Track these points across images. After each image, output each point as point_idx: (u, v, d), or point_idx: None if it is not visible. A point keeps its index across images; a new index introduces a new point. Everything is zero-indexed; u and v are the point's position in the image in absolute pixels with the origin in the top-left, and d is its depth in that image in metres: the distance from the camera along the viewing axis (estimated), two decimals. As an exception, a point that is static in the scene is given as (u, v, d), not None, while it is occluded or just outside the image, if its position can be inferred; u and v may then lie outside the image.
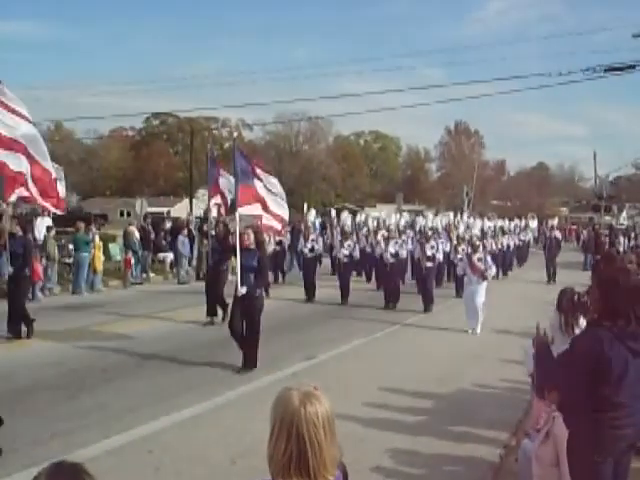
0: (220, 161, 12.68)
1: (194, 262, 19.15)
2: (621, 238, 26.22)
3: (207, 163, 11.33)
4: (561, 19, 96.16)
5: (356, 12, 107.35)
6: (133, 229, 18.48)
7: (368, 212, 31.74)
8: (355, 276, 17.62)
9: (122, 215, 51.76)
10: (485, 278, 11.70)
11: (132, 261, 17.70)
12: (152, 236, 19.10)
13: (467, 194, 45.47)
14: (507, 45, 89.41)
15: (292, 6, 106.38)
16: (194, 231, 19.26)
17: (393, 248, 14.44)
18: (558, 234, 23.00)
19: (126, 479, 5.05)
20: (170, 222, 21.85)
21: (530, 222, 28.63)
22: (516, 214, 35.12)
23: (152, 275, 18.88)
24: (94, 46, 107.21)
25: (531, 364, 4.37)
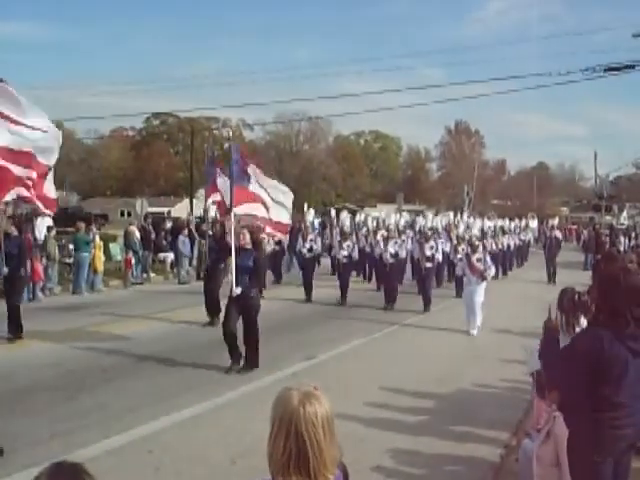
0: (220, 161, 12.59)
1: (195, 262, 19.16)
2: (621, 238, 26.20)
3: (205, 162, 11.37)
4: (561, 19, 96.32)
5: (356, 12, 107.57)
6: (133, 229, 18.48)
7: (368, 212, 31.73)
8: (355, 276, 17.61)
9: (122, 215, 51.79)
10: (484, 279, 11.64)
11: (132, 261, 17.70)
12: (153, 236, 19.10)
13: (467, 194, 45.52)
14: (507, 45, 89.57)
15: (292, 6, 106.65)
16: (194, 231, 19.27)
17: (392, 248, 14.41)
18: (558, 234, 22.99)
19: (126, 479, 5.05)
20: (170, 222, 21.84)
21: (530, 222, 28.62)
22: (516, 214, 35.12)
23: (153, 275, 18.88)
24: (94, 46, 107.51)
25: (533, 363, 4.37)
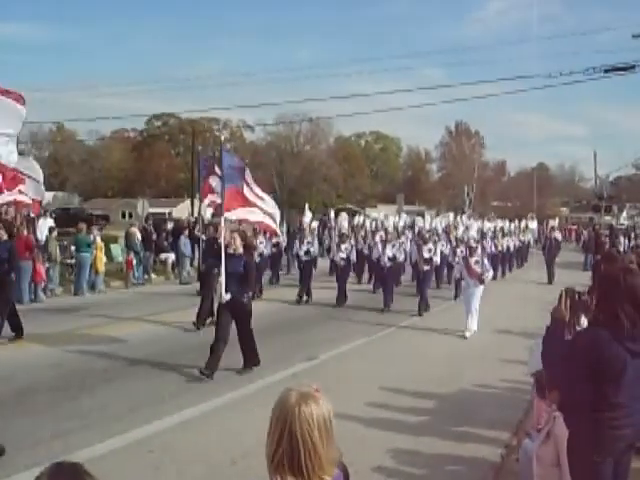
0: (215, 161, 12.31)
1: (196, 263, 19.15)
2: (621, 238, 26.20)
3: (199, 164, 10.79)
4: (561, 19, 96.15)
5: (356, 12, 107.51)
6: (135, 230, 18.50)
7: (369, 213, 31.72)
8: (352, 277, 17.45)
9: (124, 216, 51.82)
10: (482, 282, 11.50)
11: (134, 262, 17.72)
12: (154, 237, 19.12)
13: (468, 195, 45.52)
14: (507, 45, 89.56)
15: (292, 6, 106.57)
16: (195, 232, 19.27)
17: (390, 252, 14.33)
18: (558, 235, 22.98)
19: (127, 479, 5.06)
20: (172, 223, 21.87)
21: (530, 223, 28.60)
22: (516, 215, 35.09)
23: (154, 276, 18.89)
24: (94, 47, 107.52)
25: (534, 363, 4.37)
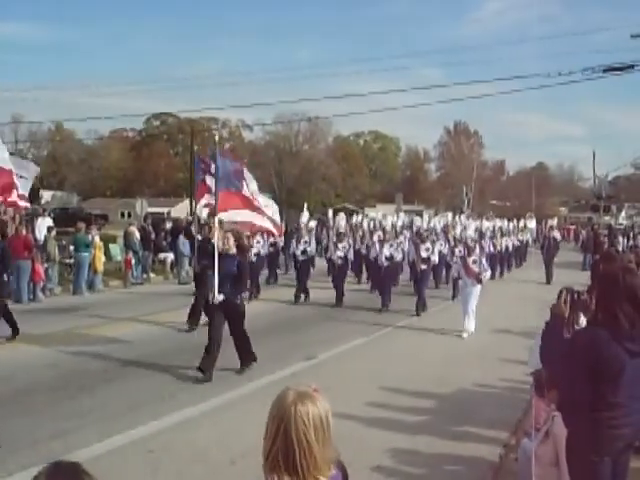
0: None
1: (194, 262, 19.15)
2: (620, 238, 26.23)
3: (192, 164, 10.66)
4: (559, 19, 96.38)
5: (356, 12, 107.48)
6: (133, 229, 18.49)
7: (368, 212, 31.71)
8: (352, 277, 17.42)
9: (122, 216, 51.78)
10: (480, 281, 11.43)
11: (132, 261, 17.71)
12: (152, 236, 19.10)
13: (466, 194, 45.55)
14: (505, 45, 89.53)
15: (292, 6, 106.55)
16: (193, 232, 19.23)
17: (388, 251, 14.27)
18: (557, 234, 22.98)
19: (126, 479, 5.06)
20: (170, 222, 21.85)
21: (528, 222, 28.59)
22: (515, 214, 35.09)
23: (152, 275, 18.88)
24: (94, 46, 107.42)
25: (534, 362, 4.37)
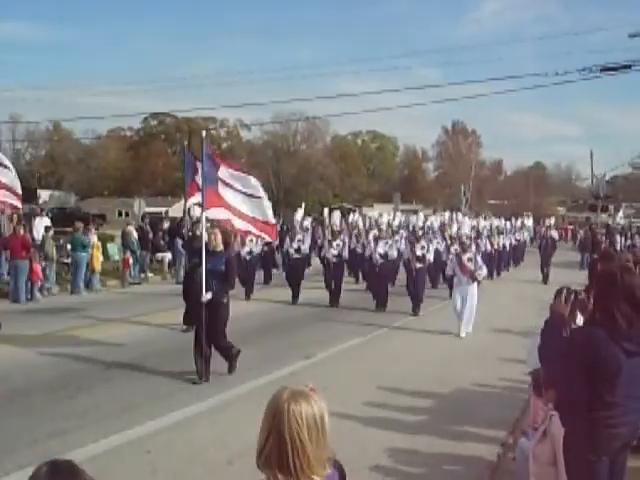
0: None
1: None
2: (617, 237, 26.30)
3: (184, 162, 9.35)
4: (556, 20, 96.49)
5: (356, 12, 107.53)
6: (131, 229, 18.48)
7: (366, 212, 31.69)
8: (347, 276, 17.24)
9: (120, 215, 51.71)
10: (475, 279, 11.38)
11: (130, 261, 17.70)
12: (150, 236, 19.10)
13: (464, 194, 45.61)
14: (503, 45, 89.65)
15: (292, 6, 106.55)
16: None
17: (382, 249, 14.17)
18: (554, 234, 23.00)
19: (124, 479, 5.05)
20: (168, 222, 21.84)
21: (526, 220, 28.63)
22: (512, 213, 35.13)
23: (150, 275, 18.88)
24: (94, 46, 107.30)
25: (532, 361, 4.37)
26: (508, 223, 25.74)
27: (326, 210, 22.72)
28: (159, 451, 5.58)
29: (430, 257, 14.61)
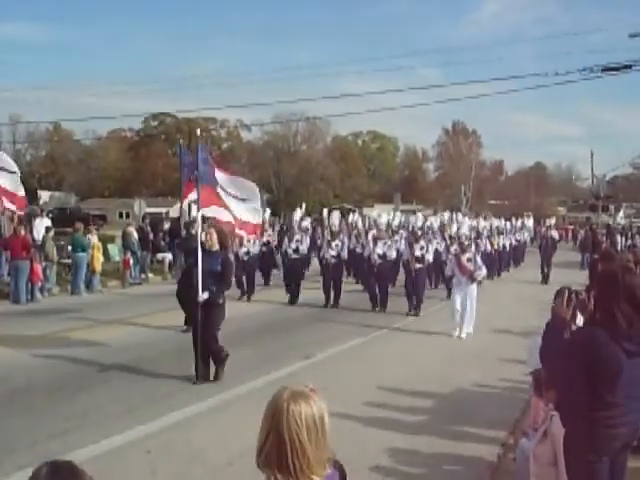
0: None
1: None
2: (618, 237, 26.31)
3: (180, 160, 8.94)
4: (556, 20, 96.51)
5: (356, 12, 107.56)
6: (132, 230, 18.49)
7: (366, 212, 31.68)
8: (346, 277, 17.15)
9: (121, 216, 51.71)
10: (474, 280, 11.31)
11: (131, 262, 17.71)
12: (151, 236, 19.11)
13: (465, 194, 45.61)
14: (503, 46, 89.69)
15: (292, 6, 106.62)
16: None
17: (381, 249, 14.10)
18: (554, 234, 22.99)
19: (124, 479, 5.05)
20: (169, 222, 21.84)
21: (526, 221, 28.61)
22: (512, 213, 35.11)
23: (151, 275, 18.89)
24: (94, 46, 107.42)
25: (533, 361, 4.37)
26: (508, 223, 25.74)
27: (325, 210, 22.67)
28: (159, 451, 5.58)
29: (429, 257, 14.51)
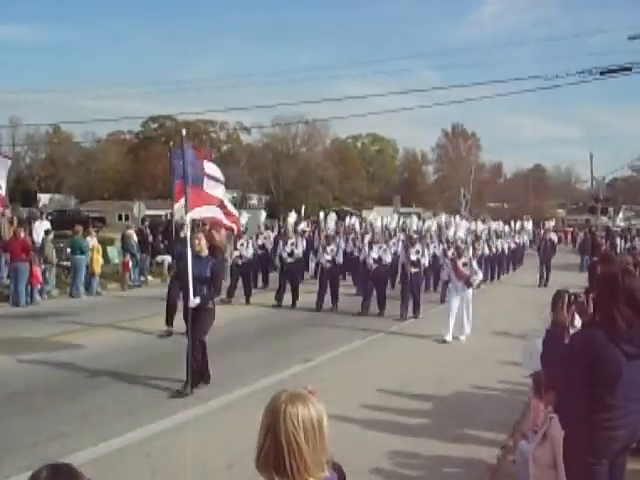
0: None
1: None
2: (617, 240, 26.33)
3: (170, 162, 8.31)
4: (556, 22, 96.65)
5: (356, 12, 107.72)
6: (131, 232, 18.48)
7: (365, 215, 31.69)
8: (343, 281, 17.09)
9: (120, 218, 51.72)
10: (470, 285, 11.25)
11: (130, 264, 17.70)
12: (150, 239, 19.10)
13: (464, 196, 45.63)
14: (503, 48, 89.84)
15: (292, 7, 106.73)
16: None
17: (376, 254, 13.95)
18: (553, 236, 22.99)
19: (124, 482, 5.05)
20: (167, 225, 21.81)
21: (525, 223, 28.62)
22: (511, 215, 35.14)
23: (150, 278, 18.87)
24: (94, 47, 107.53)
25: (533, 364, 4.37)
26: (507, 226, 25.75)
27: (322, 214, 22.58)
28: (159, 454, 5.57)
29: (425, 261, 14.39)
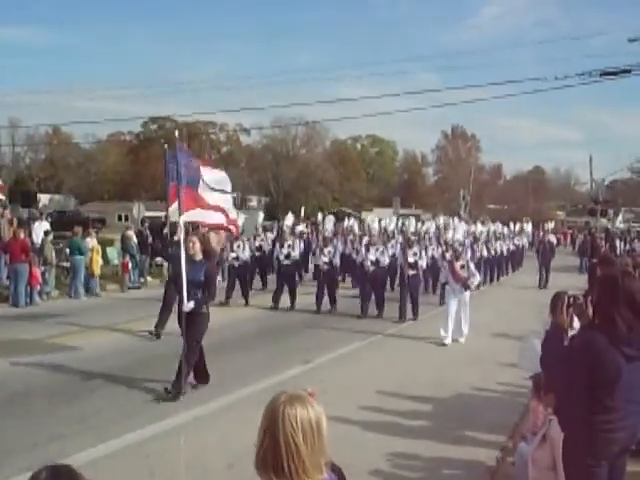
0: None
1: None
2: (617, 242, 26.34)
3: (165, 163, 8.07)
4: (556, 24, 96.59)
5: (355, 14, 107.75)
6: (131, 233, 18.48)
7: (365, 217, 31.69)
8: (342, 282, 17.01)
9: (120, 219, 51.68)
10: (467, 287, 11.22)
11: (130, 265, 17.69)
12: (150, 240, 19.10)
13: (464, 198, 45.62)
14: (503, 50, 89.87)
15: (292, 8, 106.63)
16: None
17: (373, 256, 13.93)
18: (552, 238, 22.98)
19: (123, 483, 5.05)
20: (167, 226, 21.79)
21: (525, 226, 28.61)
22: (511, 217, 35.14)
23: (150, 279, 18.87)
24: (92, 50, 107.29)
25: (533, 365, 4.37)
26: (506, 228, 25.73)
27: (320, 215, 22.55)
28: (158, 455, 5.57)
29: (423, 263, 14.34)
